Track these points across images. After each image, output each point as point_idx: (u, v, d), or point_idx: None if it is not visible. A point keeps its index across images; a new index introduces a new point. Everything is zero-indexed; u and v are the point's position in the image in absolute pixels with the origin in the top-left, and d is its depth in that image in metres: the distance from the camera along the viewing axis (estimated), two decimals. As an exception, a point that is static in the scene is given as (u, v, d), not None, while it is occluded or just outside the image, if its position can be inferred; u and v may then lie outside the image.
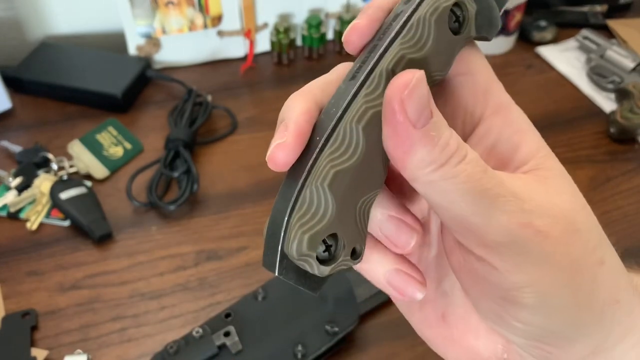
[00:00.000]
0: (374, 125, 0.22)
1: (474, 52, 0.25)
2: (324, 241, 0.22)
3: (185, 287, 0.57)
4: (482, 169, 0.21)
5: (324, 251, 0.22)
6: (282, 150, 0.22)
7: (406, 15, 0.22)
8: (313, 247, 0.22)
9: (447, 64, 0.24)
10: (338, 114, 0.22)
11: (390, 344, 0.52)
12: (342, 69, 0.25)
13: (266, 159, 0.22)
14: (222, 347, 0.48)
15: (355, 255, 0.23)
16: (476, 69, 0.25)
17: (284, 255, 0.22)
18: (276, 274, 0.22)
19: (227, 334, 0.48)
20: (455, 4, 0.23)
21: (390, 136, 0.21)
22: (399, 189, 0.27)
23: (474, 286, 0.24)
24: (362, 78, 0.22)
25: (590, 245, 0.23)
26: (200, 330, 0.49)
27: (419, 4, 0.23)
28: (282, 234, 0.22)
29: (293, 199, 0.22)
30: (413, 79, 0.20)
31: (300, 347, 0.48)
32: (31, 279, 0.57)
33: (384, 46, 0.22)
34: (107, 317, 0.54)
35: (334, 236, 0.22)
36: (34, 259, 0.59)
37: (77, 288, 0.56)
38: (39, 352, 0.51)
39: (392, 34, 0.22)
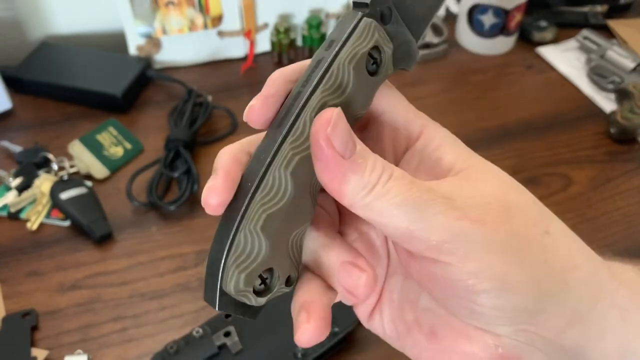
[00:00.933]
0: (301, 169, 0.24)
1: (388, 91, 0.27)
2: (260, 276, 0.24)
3: (186, 287, 0.57)
4: (409, 181, 0.23)
5: (260, 284, 0.24)
6: (212, 194, 0.24)
7: (327, 63, 0.24)
8: (249, 283, 0.23)
9: (366, 103, 0.26)
10: (267, 161, 0.23)
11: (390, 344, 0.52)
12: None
13: (202, 203, 0.24)
14: (223, 347, 0.48)
15: (290, 282, 0.25)
16: (392, 106, 0.27)
17: (222, 292, 0.24)
18: (217, 309, 0.24)
19: (227, 334, 0.48)
20: (374, 48, 0.24)
21: (323, 171, 0.23)
22: (348, 220, 0.29)
23: (437, 289, 0.25)
24: (287, 126, 0.24)
25: (529, 219, 0.24)
26: (201, 330, 0.49)
27: (338, 51, 0.24)
28: (220, 274, 0.23)
29: (229, 242, 0.23)
30: (333, 115, 0.23)
31: (300, 347, 0.48)
32: (31, 279, 0.57)
33: (306, 95, 0.24)
34: (107, 317, 0.54)
35: (269, 270, 0.24)
36: (34, 259, 0.59)
37: (77, 288, 0.56)
38: (39, 352, 0.51)
39: (314, 82, 0.24)
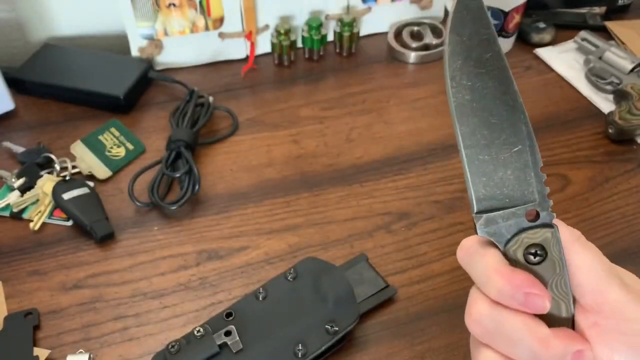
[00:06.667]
0: None
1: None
2: None
3: (187, 287, 0.57)
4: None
5: None
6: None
7: None
8: None
9: None
10: None
11: (390, 343, 0.53)
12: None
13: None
14: (223, 346, 0.48)
15: None
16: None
17: None
18: None
19: (228, 334, 0.49)
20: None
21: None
22: None
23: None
24: None
25: None
26: (202, 330, 0.49)
27: None
28: None
29: None
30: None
31: (300, 346, 0.48)
32: (33, 279, 0.57)
33: None
34: (109, 316, 0.55)
35: None
36: (37, 259, 0.59)
37: (79, 288, 0.57)
38: (41, 352, 0.51)
39: None
